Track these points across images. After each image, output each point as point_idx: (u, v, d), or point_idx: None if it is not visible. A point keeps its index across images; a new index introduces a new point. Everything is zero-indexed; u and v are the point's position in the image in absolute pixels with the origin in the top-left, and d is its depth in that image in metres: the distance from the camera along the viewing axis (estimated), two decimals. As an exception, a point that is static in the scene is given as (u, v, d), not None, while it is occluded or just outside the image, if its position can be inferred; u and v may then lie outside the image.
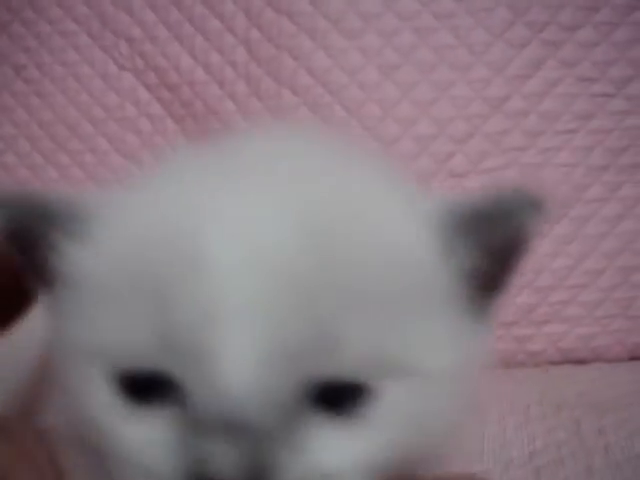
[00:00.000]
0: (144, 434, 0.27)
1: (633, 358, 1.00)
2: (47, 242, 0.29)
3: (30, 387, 0.33)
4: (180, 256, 0.27)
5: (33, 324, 0.33)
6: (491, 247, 0.30)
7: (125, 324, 0.27)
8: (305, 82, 0.99)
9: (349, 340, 0.27)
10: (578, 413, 0.78)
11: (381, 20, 0.98)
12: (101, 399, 0.28)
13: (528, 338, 0.98)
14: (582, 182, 0.98)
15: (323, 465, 0.26)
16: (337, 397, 0.27)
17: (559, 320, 0.98)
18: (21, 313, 0.34)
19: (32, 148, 1.12)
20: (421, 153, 0.97)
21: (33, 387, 0.33)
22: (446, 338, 0.29)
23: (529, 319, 0.97)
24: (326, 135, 0.37)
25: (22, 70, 1.12)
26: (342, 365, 0.27)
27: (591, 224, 0.99)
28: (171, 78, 1.06)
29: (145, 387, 0.27)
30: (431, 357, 0.28)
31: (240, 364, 0.26)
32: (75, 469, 0.29)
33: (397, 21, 0.98)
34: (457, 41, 0.97)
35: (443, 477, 0.30)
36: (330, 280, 0.27)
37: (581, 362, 1.00)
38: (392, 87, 0.97)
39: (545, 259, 0.97)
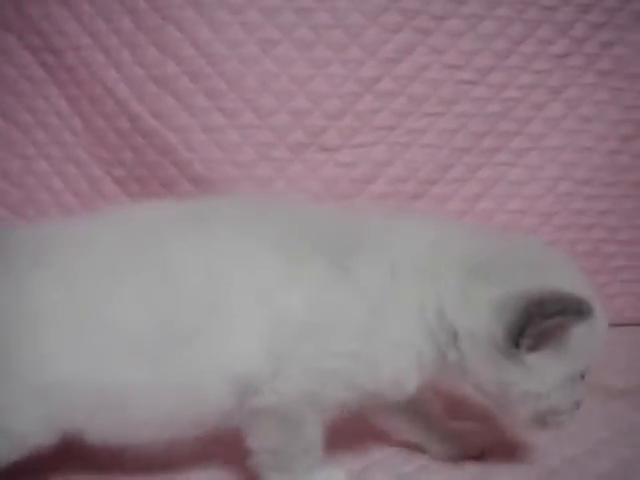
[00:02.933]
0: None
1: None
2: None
3: None
4: None
5: None
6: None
7: None
8: (188, 53, 1.01)
9: None
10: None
11: (264, -3, 1.02)
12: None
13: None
14: (445, 162, 1.05)
15: None
16: None
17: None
18: None
19: None
20: (296, 126, 1.01)
21: None
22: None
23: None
24: None
25: None
26: None
27: (452, 202, 1.06)
28: (56, 42, 1.06)
29: None
30: None
31: None
32: None
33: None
34: (335, 22, 1.02)
35: None
36: None
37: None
38: (271, 62, 1.01)
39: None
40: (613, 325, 0.65)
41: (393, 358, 0.57)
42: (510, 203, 1.07)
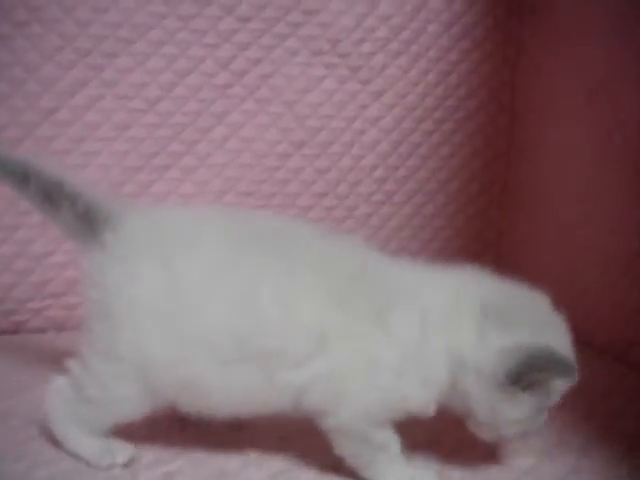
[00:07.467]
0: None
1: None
2: None
3: None
4: None
5: None
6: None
7: None
8: None
9: None
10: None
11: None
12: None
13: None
14: (119, 180, 1.24)
15: None
16: None
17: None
18: None
19: None
20: (26, 138, 1.19)
21: None
22: None
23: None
24: None
25: None
26: None
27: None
28: None
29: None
30: None
31: None
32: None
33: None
34: (14, 59, 1.18)
35: None
36: None
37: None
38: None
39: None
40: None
41: (422, 392, 0.74)
42: (180, 213, 1.27)
